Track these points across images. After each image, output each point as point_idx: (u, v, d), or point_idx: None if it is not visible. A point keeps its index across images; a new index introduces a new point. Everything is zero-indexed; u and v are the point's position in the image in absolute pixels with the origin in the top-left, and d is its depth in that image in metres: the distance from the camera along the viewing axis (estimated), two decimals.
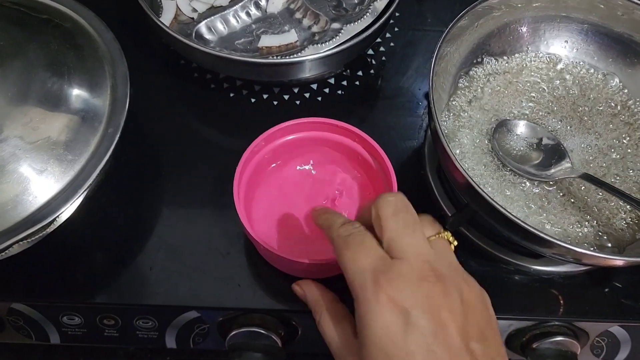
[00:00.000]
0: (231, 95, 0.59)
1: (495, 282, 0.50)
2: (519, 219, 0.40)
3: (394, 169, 0.47)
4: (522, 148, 0.50)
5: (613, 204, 0.48)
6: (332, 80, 0.61)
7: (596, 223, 0.47)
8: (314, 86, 0.60)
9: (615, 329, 0.50)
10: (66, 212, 0.43)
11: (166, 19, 0.56)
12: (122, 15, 0.61)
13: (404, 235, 0.33)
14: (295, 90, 0.60)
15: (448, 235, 0.36)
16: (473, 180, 0.41)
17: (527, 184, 0.49)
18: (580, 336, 0.50)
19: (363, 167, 0.50)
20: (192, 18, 0.57)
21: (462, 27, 0.50)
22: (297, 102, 0.59)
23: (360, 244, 0.34)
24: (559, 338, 0.49)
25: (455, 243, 0.36)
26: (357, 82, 0.61)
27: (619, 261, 0.41)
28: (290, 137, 0.49)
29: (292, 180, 0.51)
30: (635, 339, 0.51)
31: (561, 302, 0.50)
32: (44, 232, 0.43)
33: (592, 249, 0.46)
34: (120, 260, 0.50)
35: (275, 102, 0.59)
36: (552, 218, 0.47)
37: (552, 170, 0.48)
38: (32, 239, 0.42)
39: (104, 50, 0.49)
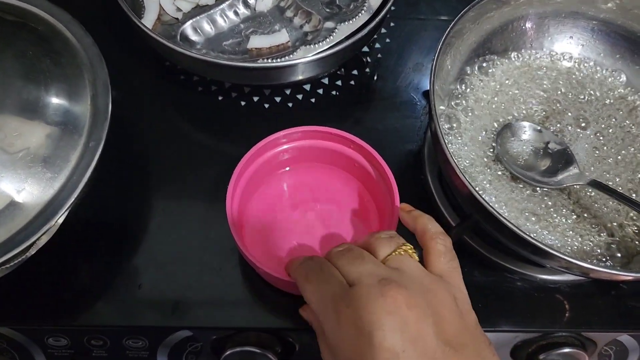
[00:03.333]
0: (220, 98, 0.57)
1: (500, 292, 0.48)
2: (526, 234, 0.38)
3: (392, 173, 0.45)
4: (527, 153, 0.48)
5: (622, 211, 0.46)
6: (325, 80, 0.58)
7: (605, 232, 0.45)
8: (307, 87, 0.57)
9: (624, 337, 0.48)
10: (47, 234, 0.40)
11: (149, 20, 0.53)
12: (101, 17, 0.58)
13: (354, 265, 0.34)
14: (287, 92, 0.57)
15: (406, 248, 0.36)
16: (477, 192, 0.39)
17: (533, 191, 0.47)
18: (588, 346, 0.48)
19: (361, 174, 0.48)
20: (177, 18, 0.54)
21: (464, 25, 0.47)
22: (290, 105, 0.57)
23: (320, 274, 0.35)
24: (567, 350, 0.47)
25: (416, 257, 0.36)
26: (352, 82, 0.58)
27: (628, 277, 0.39)
28: (283, 147, 0.47)
29: (287, 192, 0.48)
30: None
31: (568, 311, 0.48)
32: (24, 256, 0.40)
33: (604, 259, 0.44)
34: (107, 278, 0.47)
35: (266, 105, 0.56)
36: (560, 227, 0.45)
37: (559, 177, 0.46)
38: (11, 264, 0.39)
39: (82, 57, 0.46)
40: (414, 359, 0.30)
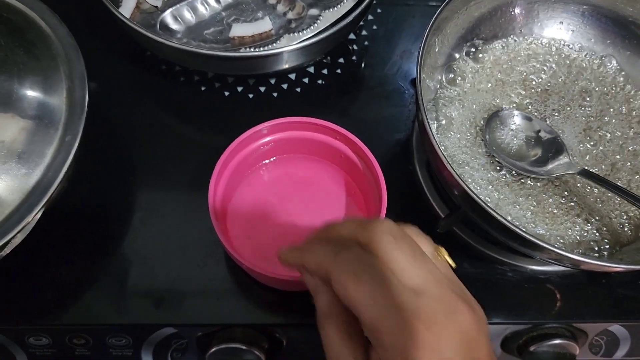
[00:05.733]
0: (203, 88, 0.55)
1: (490, 283, 0.47)
2: (516, 225, 0.37)
3: (380, 164, 0.44)
4: (517, 143, 0.47)
5: (613, 200, 0.45)
6: (311, 69, 0.56)
7: (595, 222, 0.45)
8: (292, 76, 0.56)
9: (615, 327, 0.48)
10: (22, 232, 0.39)
11: (127, 8, 0.51)
12: (77, 6, 0.57)
13: (416, 265, 0.28)
14: (272, 81, 0.56)
15: (443, 252, 0.31)
16: (465, 184, 0.38)
17: (523, 181, 0.46)
18: (578, 337, 0.48)
19: (347, 166, 0.47)
20: (156, 6, 0.53)
21: (452, 11, 0.46)
22: (275, 95, 0.55)
23: (373, 274, 0.28)
24: (557, 341, 0.46)
25: (453, 264, 0.31)
26: (339, 70, 0.57)
27: (619, 268, 0.39)
28: (268, 138, 0.45)
29: (271, 184, 0.47)
30: (635, 336, 0.49)
31: (559, 302, 0.47)
32: None
33: (594, 250, 0.44)
34: (88, 275, 0.46)
35: (250, 95, 0.55)
36: (549, 218, 0.45)
37: (550, 166, 0.45)
38: None
39: (58, 48, 0.44)
40: None
